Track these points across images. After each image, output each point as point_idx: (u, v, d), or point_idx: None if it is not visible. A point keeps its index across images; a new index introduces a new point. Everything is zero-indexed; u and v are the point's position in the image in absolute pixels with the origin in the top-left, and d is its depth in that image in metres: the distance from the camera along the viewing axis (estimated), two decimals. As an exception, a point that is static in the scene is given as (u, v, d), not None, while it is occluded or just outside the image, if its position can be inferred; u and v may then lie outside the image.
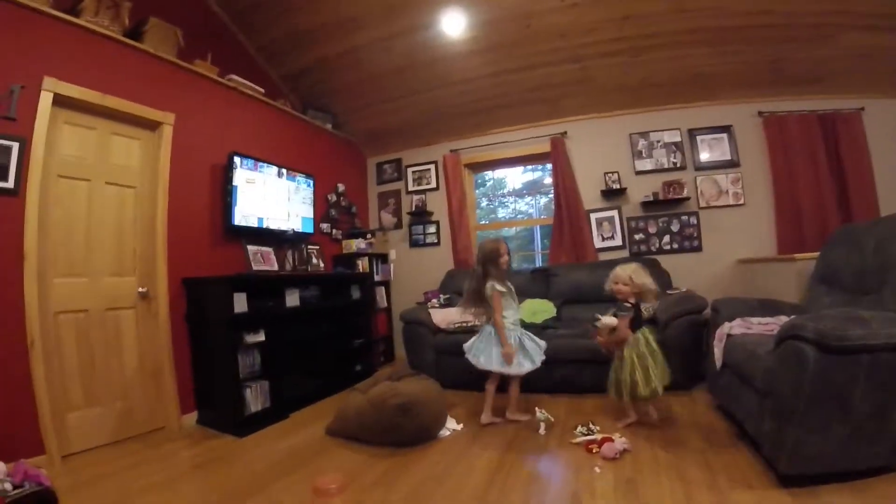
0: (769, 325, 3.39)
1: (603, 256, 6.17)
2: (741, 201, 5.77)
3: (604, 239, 6.28)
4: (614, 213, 6.25)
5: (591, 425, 3.49)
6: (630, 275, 3.63)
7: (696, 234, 5.87)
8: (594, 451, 3.14)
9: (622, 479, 2.75)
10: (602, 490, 2.64)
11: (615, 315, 3.65)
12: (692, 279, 5.60)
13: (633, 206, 6.19)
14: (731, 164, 5.84)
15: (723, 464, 2.83)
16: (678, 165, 6.01)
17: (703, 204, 5.87)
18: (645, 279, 3.63)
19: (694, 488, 2.53)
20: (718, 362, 3.50)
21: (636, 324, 3.64)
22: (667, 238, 5.97)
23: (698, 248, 5.87)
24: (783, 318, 3.37)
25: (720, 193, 5.82)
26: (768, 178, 5.66)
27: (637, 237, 6.12)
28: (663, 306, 4.70)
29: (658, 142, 6.12)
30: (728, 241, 5.75)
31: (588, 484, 2.73)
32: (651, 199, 5.95)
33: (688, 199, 5.87)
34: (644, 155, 6.17)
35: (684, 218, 5.91)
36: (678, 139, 6.05)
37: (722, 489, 2.51)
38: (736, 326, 3.51)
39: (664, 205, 5.98)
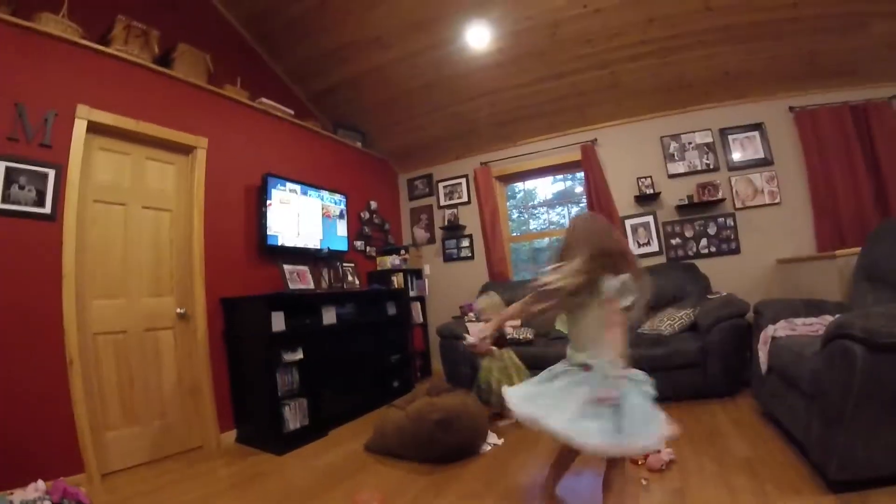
0: (814, 326, 3.30)
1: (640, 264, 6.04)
2: (777, 200, 5.62)
3: (640, 245, 6.17)
4: (649, 218, 6.16)
5: (634, 435, 3.42)
6: (494, 303, 4.70)
7: (733, 236, 5.73)
8: (640, 462, 3.07)
9: (669, 490, 2.69)
10: (649, 502, 2.59)
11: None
12: (732, 282, 5.49)
13: (667, 210, 6.08)
14: (765, 163, 5.70)
15: (770, 471, 2.75)
16: (711, 167, 5.90)
17: (738, 205, 5.74)
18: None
19: (741, 497, 2.46)
20: (763, 366, 3.41)
21: (500, 342, 4.63)
22: (704, 241, 5.85)
23: (736, 250, 5.73)
24: (828, 318, 3.28)
25: (755, 193, 5.68)
26: (803, 175, 5.50)
27: (673, 242, 6.01)
28: (704, 311, 4.63)
29: (690, 143, 6.01)
30: (766, 241, 5.60)
31: (635, 496, 2.66)
32: (686, 202, 5.84)
33: (723, 200, 5.74)
34: (676, 158, 6.07)
35: (720, 220, 5.78)
36: (710, 140, 5.93)
37: (770, 497, 2.44)
38: (780, 328, 3.42)
39: (699, 207, 5.86)
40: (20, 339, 3.30)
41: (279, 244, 5.17)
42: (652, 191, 6.05)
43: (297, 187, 5.51)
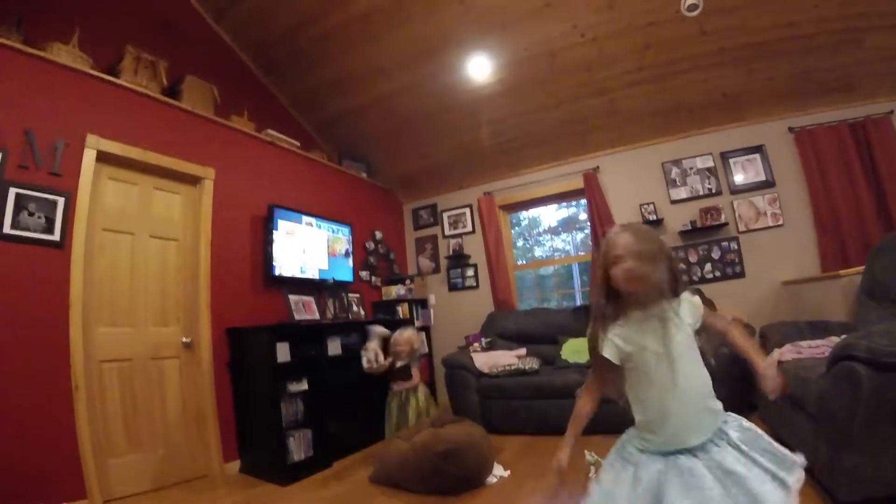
0: (820, 348, 3.29)
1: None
2: (780, 222, 5.59)
3: (644, 272, 6.12)
4: (653, 244, 6.10)
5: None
6: (409, 337, 4.60)
7: (737, 260, 5.70)
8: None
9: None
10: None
11: (408, 366, 4.58)
12: (737, 306, 5.44)
13: (671, 235, 6.03)
14: (767, 185, 5.69)
15: (779, 494, 2.70)
16: (713, 191, 5.90)
17: (742, 228, 5.72)
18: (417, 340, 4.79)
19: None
20: (770, 391, 3.38)
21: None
22: (708, 266, 5.82)
23: (741, 274, 5.69)
24: (834, 339, 3.27)
25: (758, 215, 5.67)
26: (805, 195, 5.47)
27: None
28: (708, 336, 4.60)
29: (691, 168, 6.03)
30: (770, 263, 5.56)
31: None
32: (689, 227, 5.82)
33: (726, 224, 5.72)
34: (678, 183, 6.08)
35: (724, 244, 5.76)
36: (711, 164, 5.94)
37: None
38: (786, 352, 3.40)
39: (703, 232, 5.84)
40: (26, 364, 3.32)
41: (285, 274, 5.19)
42: (655, 217, 6.05)
43: (303, 218, 5.56)
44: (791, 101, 5.53)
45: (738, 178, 5.82)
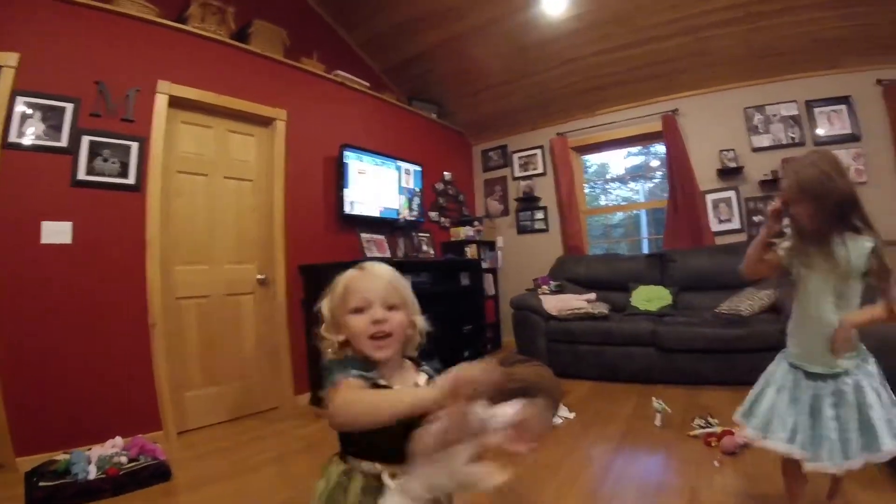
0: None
1: (720, 241, 5.84)
2: (863, 179, 5.18)
3: (721, 221, 5.95)
4: (731, 193, 5.91)
5: (709, 418, 3.35)
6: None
7: (818, 216, 5.39)
8: (713, 444, 3.04)
9: (742, 474, 2.65)
10: (722, 485, 2.55)
11: None
12: (815, 265, 5.21)
13: (751, 185, 5.81)
14: (853, 138, 5.31)
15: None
16: (796, 141, 5.56)
17: (824, 182, 5.38)
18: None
19: (817, 480, 2.38)
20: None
21: None
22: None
23: (821, 231, 5.37)
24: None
25: (842, 170, 5.32)
26: (891, 154, 5.13)
27: (756, 219, 5.73)
28: (786, 293, 4.49)
29: (774, 116, 5.71)
30: (851, 223, 5.23)
31: (707, 479, 2.63)
32: (770, 177, 5.56)
33: (808, 177, 5.40)
34: (760, 130, 5.78)
35: (806, 198, 5.45)
36: (795, 112, 5.60)
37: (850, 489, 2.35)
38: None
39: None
40: (106, 303, 3.52)
41: (356, 213, 5.28)
42: (735, 164, 5.81)
43: (374, 158, 5.60)
44: (885, 52, 5.11)
45: (823, 130, 5.47)
